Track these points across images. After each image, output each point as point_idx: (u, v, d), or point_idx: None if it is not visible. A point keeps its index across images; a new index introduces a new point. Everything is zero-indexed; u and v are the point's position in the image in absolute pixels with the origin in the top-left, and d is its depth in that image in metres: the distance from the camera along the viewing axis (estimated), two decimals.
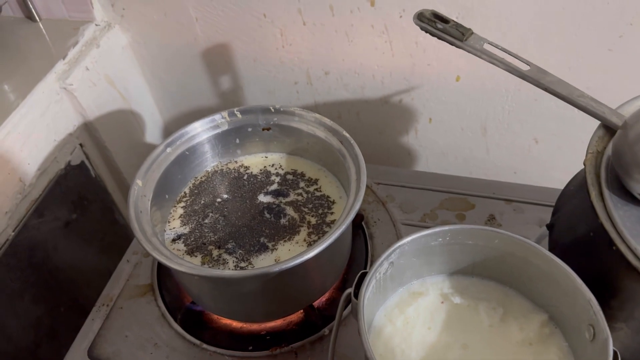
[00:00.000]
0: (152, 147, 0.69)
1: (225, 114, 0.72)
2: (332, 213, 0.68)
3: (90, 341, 0.69)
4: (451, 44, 0.59)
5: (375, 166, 0.89)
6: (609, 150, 0.53)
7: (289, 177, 0.74)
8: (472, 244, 0.55)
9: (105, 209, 1.01)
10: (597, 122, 0.56)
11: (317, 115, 0.70)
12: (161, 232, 0.66)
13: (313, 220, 0.68)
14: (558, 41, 0.77)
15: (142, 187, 0.63)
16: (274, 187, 0.73)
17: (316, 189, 0.72)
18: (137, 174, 0.64)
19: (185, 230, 0.68)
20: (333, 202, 0.70)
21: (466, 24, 0.78)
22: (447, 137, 0.96)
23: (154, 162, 0.66)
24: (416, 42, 0.83)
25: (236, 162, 0.76)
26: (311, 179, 0.74)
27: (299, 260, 0.54)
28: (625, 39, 0.75)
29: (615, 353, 0.44)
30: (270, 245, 0.66)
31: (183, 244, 0.66)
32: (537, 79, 0.56)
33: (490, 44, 0.58)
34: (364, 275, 0.50)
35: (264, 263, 0.63)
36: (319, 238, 0.65)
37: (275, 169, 0.76)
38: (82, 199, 0.95)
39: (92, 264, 0.98)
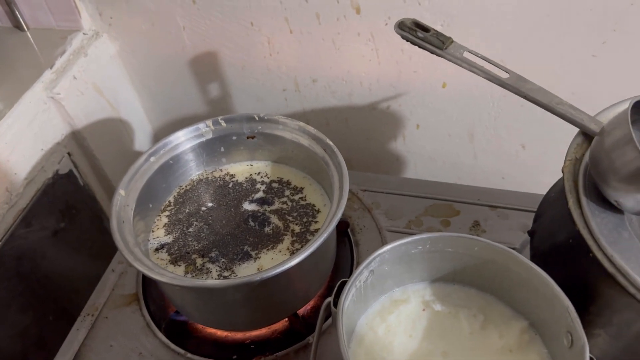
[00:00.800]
0: (141, 156, 0.69)
1: (209, 122, 0.72)
2: (316, 222, 0.69)
3: (75, 351, 0.69)
4: (432, 52, 0.59)
5: (361, 173, 0.89)
6: (587, 157, 0.53)
7: (275, 185, 0.74)
8: (452, 252, 0.55)
9: (93, 218, 1.01)
10: None
11: (301, 124, 0.71)
12: (145, 242, 0.67)
13: (297, 229, 0.68)
14: (543, 48, 0.78)
15: (125, 197, 0.64)
16: (259, 195, 0.73)
17: (301, 198, 0.72)
18: (120, 183, 0.64)
19: (169, 239, 0.68)
20: (318, 211, 0.70)
21: (451, 31, 0.79)
22: (434, 143, 0.97)
23: (137, 171, 0.66)
24: (402, 49, 0.84)
25: (221, 170, 0.76)
26: (296, 187, 0.74)
27: (281, 269, 0.54)
28: (609, 45, 0.75)
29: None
30: (253, 253, 0.66)
31: (166, 254, 0.66)
32: (517, 86, 0.56)
33: (470, 52, 0.59)
34: (344, 283, 0.51)
35: (246, 272, 0.63)
36: (302, 247, 0.65)
37: (261, 177, 0.76)
38: (71, 207, 0.95)
39: (80, 273, 0.98)
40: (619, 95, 0.80)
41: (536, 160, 0.94)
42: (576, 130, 0.57)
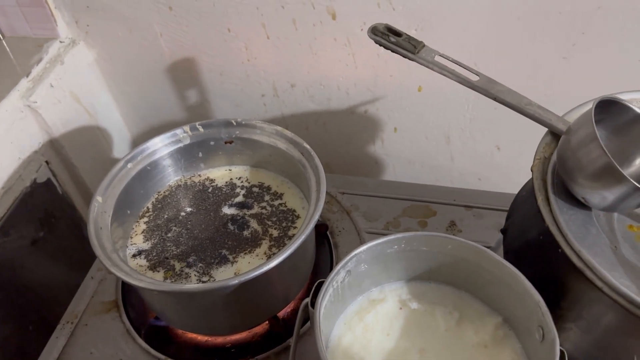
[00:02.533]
0: None
1: (187, 128, 0.72)
2: (295, 227, 0.69)
3: (55, 359, 0.68)
4: (404, 56, 0.60)
5: (339, 176, 0.90)
6: (555, 156, 0.54)
7: (255, 189, 0.75)
8: (427, 250, 0.56)
9: (73, 226, 1.00)
10: None
11: (278, 128, 0.71)
12: (123, 248, 0.67)
13: (275, 233, 0.69)
14: (515, 51, 0.79)
15: (102, 204, 0.64)
16: (239, 199, 0.74)
17: (281, 204, 0.73)
18: (97, 190, 0.64)
19: (147, 245, 0.68)
20: (297, 217, 0.71)
21: (425, 36, 0.80)
22: (412, 146, 0.98)
23: (114, 178, 0.66)
24: (378, 54, 0.85)
25: (200, 175, 0.77)
26: (277, 192, 0.74)
27: (258, 272, 0.55)
28: (579, 47, 0.77)
29: (562, 353, 0.46)
30: (231, 257, 0.66)
31: (145, 260, 0.67)
32: (487, 88, 0.57)
33: (442, 55, 0.60)
34: (321, 284, 0.51)
35: (224, 275, 0.64)
36: (279, 251, 0.65)
37: (242, 181, 0.76)
38: (49, 216, 0.94)
39: (61, 281, 0.97)
40: (589, 96, 0.81)
41: (511, 161, 0.96)
42: None
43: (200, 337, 0.69)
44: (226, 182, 0.76)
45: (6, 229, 0.84)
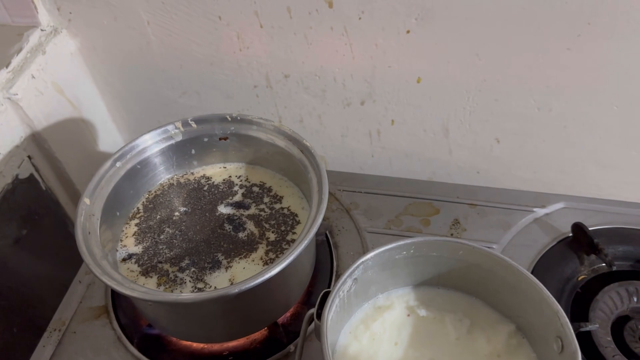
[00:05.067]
0: (106, 157, 0.66)
1: (178, 124, 0.69)
2: (294, 232, 0.66)
3: None
4: None
5: (338, 172, 0.87)
6: None
7: (255, 189, 0.72)
8: (436, 256, 0.53)
9: (58, 223, 0.96)
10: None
11: (276, 124, 0.68)
12: (113, 252, 0.63)
13: (272, 237, 0.66)
14: (518, 41, 0.77)
15: (90, 206, 0.60)
16: (237, 198, 0.70)
17: (282, 207, 0.69)
18: (85, 192, 0.60)
19: (139, 248, 0.65)
20: (298, 222, 0.67)
21: (426, 25, 0.77)
22: (409, 138, 0.95)
23: (102, 178, 0.63)
24: (376, 44, 0.82)
25: (193, 173, 0.73)
26: (277, 195, 0.71)
27: (259, 280, 0.52)
28: (584, 38, 0.75)
29: None
30: (225, 262, 0.63)
31: (136, 264, 0.63)
32: None
33: None
34: (326, 294, 0.49)
35: (218, 281, 0.61)
36: (276, 257, 0.63)
37: (241, 180, 0.73)
38: (33, 213, 0.90)
39: (46, 281, 0.94)
40: (592, 88, 0.80)
41: (510, 154, 0.94)
42: (552, 125, 0.55)
43: (196, 345, 0.66)
44: (224, 180, 0.72)
45: None
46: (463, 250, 0.52)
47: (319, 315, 0.48)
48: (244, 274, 0.61)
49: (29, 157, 0.88)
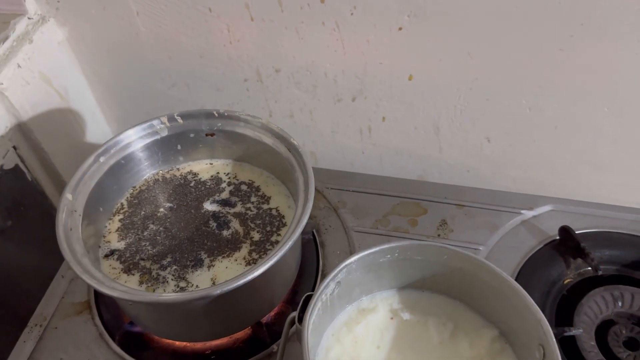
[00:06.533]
0: (93, 148, 0.65)
1: (164, 119, 0.68)
2: (279, 234, 0.65)
3: None
4: None
5: (326, 170, 0.87)
6: None
7: (244, 187, 0.71)
8: (421, 260, 0.53)
9: (44, 215, 0.95)
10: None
11: (264, 121, 0.67)
12: (95, 248, 0.62)
13: (257, 237, 0.65)
14: (511, 40, 0.76)
15: (72, 202, 0.59)
16: (224, 195, 0.70)
17: (270, 208, 0.68)
18: (67, 187, 0.59)
19: (122, 245, 0.64)
20: (284, 225, 0.66)
21: (418, 23, 0.76)
22: (400, 136, 0.95)
23: (85, 173, 0.62)
24: (368, 40, 0.81)
25: (179, 169, 0.72)
26: (264, 195, 0.70)
27: (242, 281, 0.51)
28: (576, 38, 0.74)
29: None
30: (207, 261, 0.62)
31: (118, 261, 0.62)
32: None
33: None
34: (309, 298, 0.48)
35: (199, 280, 0.60)
36: (259, 257, 0.62)
37: (229, 177, 0.72)
38: (18, 204, 0.89)
39: (31, 273, 0.93)
40: (584, 89, 0.80)
41: (501, 153, 0.93)
42: (544, 125, 0.54)
43: (179, 343, 0.65)
44: (211, 176, 0.71)
45: None
46: (447, 255, 0.52)
47: (301, 319, 0.47)
48: (226, 274, 0.60)
49: (15, 147, 0.86)
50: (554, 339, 0.44)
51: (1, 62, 0.81)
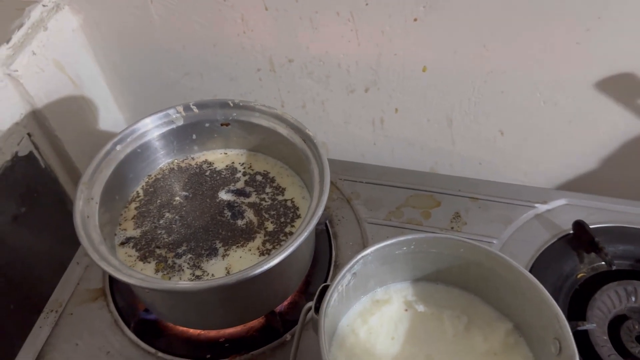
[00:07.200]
0: (106, 136, 0.65)
1: (180, 108, 0.68)
2: (293, 226, 0.65)
3: (38, 350, 0.65)
4: None
5: (339, 161, 0.86)
6: None
7: (259, 178, 0.71)
8: (436, 252, 0.53)
9: (57, 202, 0.96)
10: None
11: (279, 112, 0.67)
12: (111, 236, 0.63)
13: (271, 227, 0.65)
14: (527, 34, 0.76)
15: (89, 190, 0.59)
16: (239, 185, 0.70)
17: (285, 200, 0.68)
18: (84, 175, 0.60)
19: (137, 232, 0.64)
20: (298, 216, 0.66)
21: (434, 13, 0.76)
22: (413, 128, 0.94)
23: (102, 161, 0.62)
24: (382, 30, 0.81)
25: (194, 158, 0.72)
26: (279, 186, 0.70)
27: (259, 270, 0.52)
28: (593, 32, 0.74)
29: None
30: (222, 250, 0.63)
31: (134, 249, 0.63)
32: None
33: None
34: (325, 288, 0.48)
35: (214, 269, 0.61)
36: (273, 248, 0.62)
37: (244, 167, 0.72)
38: (32, 191, 0.90)
39: (44, 259, 0.94)
40: (600, 84, 0.79)
41: (514, 146, 0.93)
42: (558, 119, 0.54)
43: (193, 331, 0.66)
44: (226, 166, 0.72)
45: None
46: (464, 248, 0.52)
47: (317, 309, 0.47)
48: (240, 263, 0.61)
49: (29, 134, 0.87)
50: (570, 333, 0.44)
51: (16, 49, 0.81)
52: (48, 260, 0.93)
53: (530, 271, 0.69)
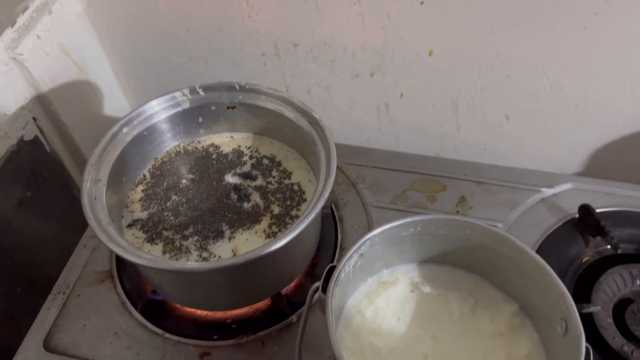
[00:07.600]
0: (111, 121, 0.65)
1: (186, 91, 0.68)
2: (299, 209, 0.65)
3: (46, 331, 0.66)
4: None
5: (345, 145, 0.86)
6: None
7: (265, 161, 0.71)
8: (443, 234, 0.53)
9: (62, 186, 0.96)
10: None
11: (286, 95, 0.67)
12: (118, 218, 0.63)
13: (277, 210, 0.65)
14: (534, 19, 0.75)
15: (96, 172, 0.60)
16: (245, 168, 0.70)
17: (291, 183, 0.69)
18: (91, 157, 0.60)
19: (145, 214, 0.65)
20: (304, 200, 0.66)
21: (440, 1, 0.75)
22: (418, 113, 0.94)
23: (108, 143, 0.62)
24: (388, 14, 0.80)
25: (200, 141, 0.72)
26: (286, 170, 0.70)
27: (266, 251, 0.52)
28: (601, 15, 0.73)
29: (587, 349, 0.44)
30: (228, 232, 0.63)
31: (141, 231, 0.63)
32: None
33: None
34: (332, 269, 0.48)
35: (221, 250, 0.61)
36: (279, 230, 0.63)
37: (250, 151, 0.72)
38: (37, 175, 0.90)
39: (50, 243, 0.94)
40: (607, 69, 0.79)
41: (519, 132, 0.93)
42: (563, 104, 0.54)
43: (200, 312, 0.66)
44: (233, 149, 0.72)
45: None
46: (471, 230, 0.52)
47: (324, 289, 0.48)
48: (246, 245, 0.61)
49: (34, 118, 0.87)
50: (577, 313, 0.45)
51: (21, 33, 0.81)
52: (54, 245, 0.94)
53: None
